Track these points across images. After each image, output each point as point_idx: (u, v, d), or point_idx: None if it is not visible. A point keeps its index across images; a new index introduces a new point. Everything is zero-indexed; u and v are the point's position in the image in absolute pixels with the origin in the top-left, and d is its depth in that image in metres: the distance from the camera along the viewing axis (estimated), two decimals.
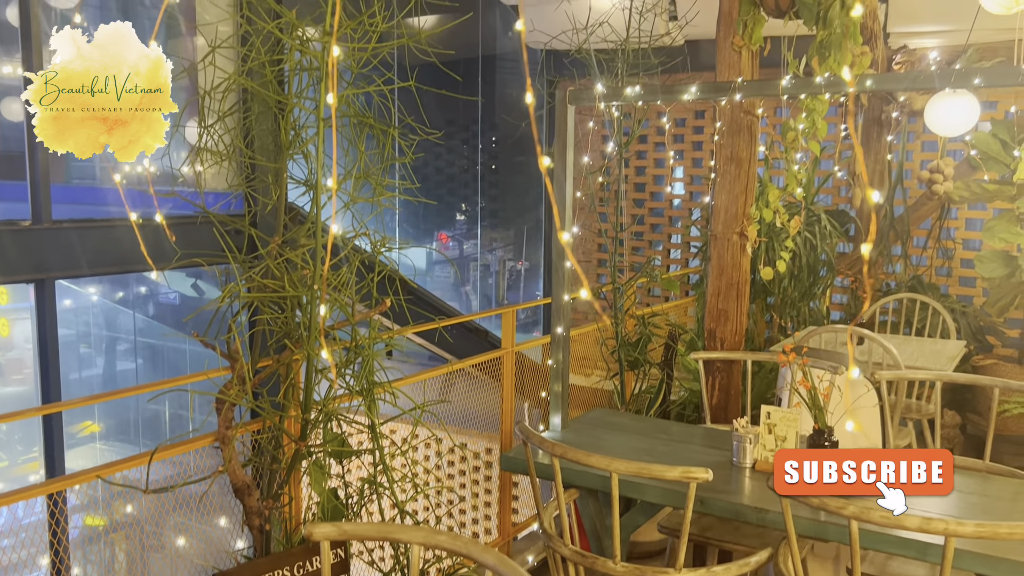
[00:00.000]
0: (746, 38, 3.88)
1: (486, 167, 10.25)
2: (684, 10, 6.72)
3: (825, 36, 3.68)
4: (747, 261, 4.25)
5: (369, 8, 2.88)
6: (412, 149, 3.06)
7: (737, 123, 4.01)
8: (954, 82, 2.60)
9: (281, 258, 2.79)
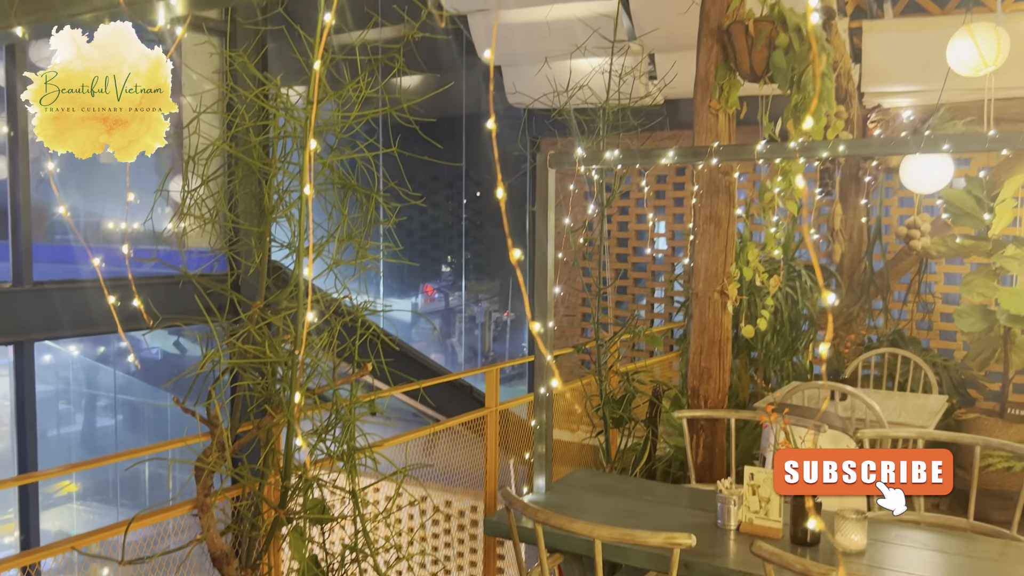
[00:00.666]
0: (722, 101, 3.97)
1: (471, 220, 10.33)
2: (663, 71, 6.88)
3: (800, 99, 3.77)
4: (728, 319, 4.28)
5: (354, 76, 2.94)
6: (396, 212, 3.09)
7: (715, 184, 4.08)
8: (924, 148, 2.66)
9: (263, 322, 2.79)
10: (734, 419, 3.96)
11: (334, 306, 2.85)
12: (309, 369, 2.70)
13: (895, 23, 6.59)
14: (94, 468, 7.25)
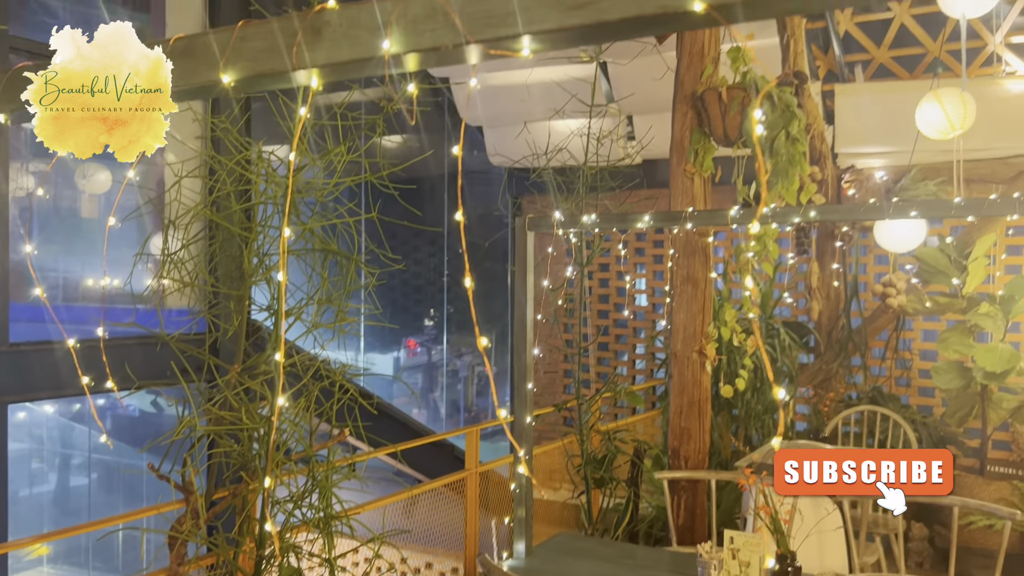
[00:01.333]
0: (697, 165, 4.05)
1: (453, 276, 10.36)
2: (641, 132, 7.02)
3: (773, 164, 3.86)
4: (707, 379, 4.30)
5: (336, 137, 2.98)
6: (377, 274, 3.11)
7: (692, 245, 4.14)
8: (893, 214, 2.72)
9: (240, 387, 2.78)
10: (714, 480, 3.95)
11: (311, 371, 2.84)
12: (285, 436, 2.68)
13: (866, 86, 6.78)
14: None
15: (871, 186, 6.55)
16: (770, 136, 3.81)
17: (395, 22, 0.87)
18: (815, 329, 6.66)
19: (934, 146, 5.79)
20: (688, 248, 4.14)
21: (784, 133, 3.82)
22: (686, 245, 4.15)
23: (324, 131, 3.02)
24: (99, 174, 6.36)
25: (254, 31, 0.98)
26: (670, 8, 0.72)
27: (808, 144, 6.06)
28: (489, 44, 0.83)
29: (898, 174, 6.50)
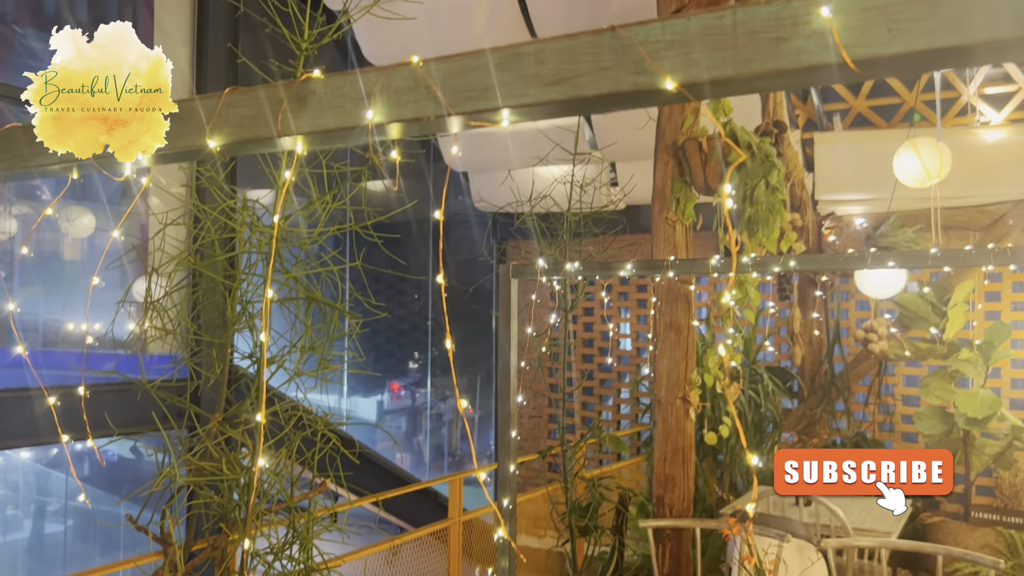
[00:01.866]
0: (679, 213, 4.10)
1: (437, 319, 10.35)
2: (624, 178, 7.10)
3: (753, 212, 3.92)
4: (691, 426, 4.30)
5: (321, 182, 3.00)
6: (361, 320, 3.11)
7: (674, 292, 4.17)
8: (871, 264, 2.76)
9: (221, 437, 2.75)
10: (699, 528, 3.93)
11: (293, 420, 2.83)
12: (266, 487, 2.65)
13: (844, 135, 6.91)
14: None
15: (851, 232, 6.64)
16: (750, 185, 3.87)
17: (379, 93, 0.89)
18: (798, 374, 6.69)
19: (912, 193, 5.89)
20: (671, 295, 4.17)
21: (764, 183, 3.89)
22: (669, 292, 4.18)
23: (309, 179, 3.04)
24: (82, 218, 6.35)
25: (240, 98, 1.00)
26: (643, 86, 0.75)
27: (788, 191, 6.16)
28: (470, 116, 0.86)
29: (877, 221, 6.60)
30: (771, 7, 0.70)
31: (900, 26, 0.65)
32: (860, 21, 0.66)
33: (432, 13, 5.99)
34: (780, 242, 4.08)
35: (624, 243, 6.44)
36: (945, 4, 0.63)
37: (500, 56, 0.83)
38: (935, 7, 0.63)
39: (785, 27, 0.69)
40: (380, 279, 2.92)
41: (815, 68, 0.68)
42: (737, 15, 0.72)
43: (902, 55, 0.64)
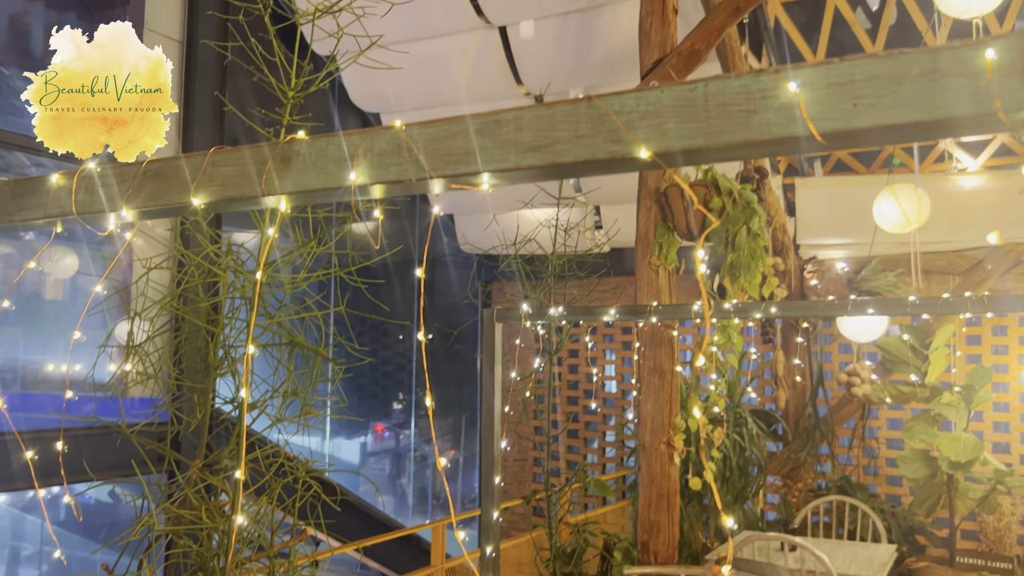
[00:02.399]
0: (662, 258, 4.14)
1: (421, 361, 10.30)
2: (608, 221, 7.16)
3: (735, 258, 3.96)
4: (676, 471, 4.29)
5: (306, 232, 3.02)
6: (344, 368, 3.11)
7: (658, 336, 4.19)
8: (851, 311, 2.79)
9: (201, 484, 2.73)
10: (684, 575, 3.90)
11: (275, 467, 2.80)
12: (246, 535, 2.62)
13: (825, 180, 7.01)
14: None
15: (833, 276, 6.70)
16: (732, 231, 3.92)
17: (362, 155, 0.91)
18: (782, 417, 6.70)
19: (892, 238, 5.97)
20: (654, 339, 4.19)
21: (745, 228, 3.93)
22: (652, 336, 4.20)
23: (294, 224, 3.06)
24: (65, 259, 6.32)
25: (225, 157, 1.01)
26: (618, 154, 0.77)
27: (771, 236, 6.23)
28: (451, 179, 0.87)
29: (859, 265, 6.67)
30: (741, 80, 0.72)
31: (864, 102, 0.67)
32: (826, 96, 0.69)
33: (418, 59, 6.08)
34: (762, 287, 4.12)
35: (608, 286, 6.48)
36: (907, 82, 0.66)
37: (480, 122, 0.85)
38: (898, 85, 0.66)
39: (755, 100, 0.71)
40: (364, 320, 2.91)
41: (784, 140, 0.71)
42: (708, 87, 0.74)
43: (867, 129, 0.67)
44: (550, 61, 6.05)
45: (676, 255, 4.26)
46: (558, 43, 5.91)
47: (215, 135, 5.09)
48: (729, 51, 5.28)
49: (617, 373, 7.98)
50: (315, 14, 2.59)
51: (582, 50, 5.87)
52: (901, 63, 0.66)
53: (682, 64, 4.08)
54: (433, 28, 6.13)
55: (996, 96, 0.62)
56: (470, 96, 6.58)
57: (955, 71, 0.63)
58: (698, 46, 4.11)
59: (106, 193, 1.10)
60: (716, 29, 4.17)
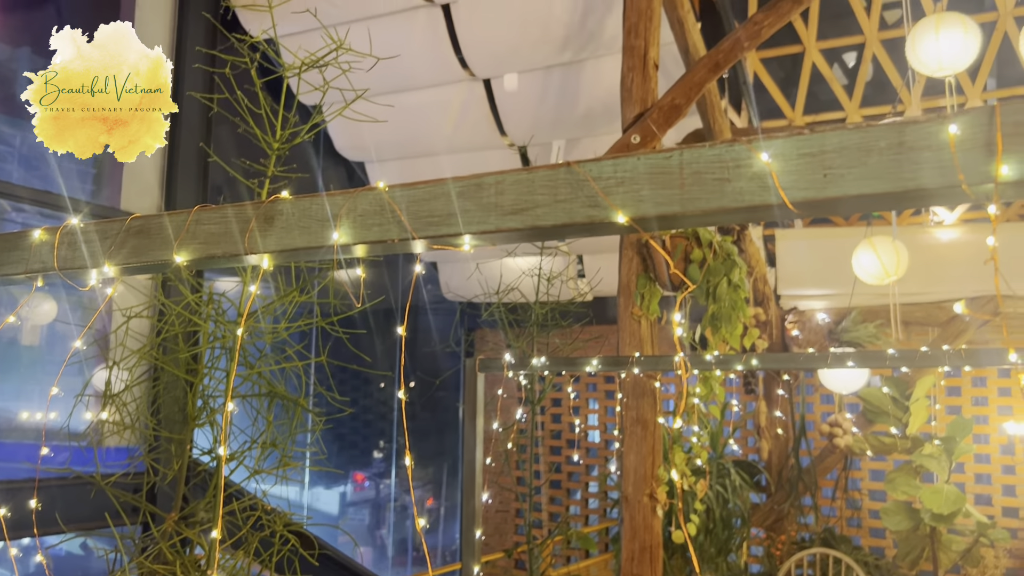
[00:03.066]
0: (644, 309, 4.16)
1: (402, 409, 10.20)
2: (591, 270, 7.21)
3: (716, 309, 3.99)
4: (659, 523, 4.25)
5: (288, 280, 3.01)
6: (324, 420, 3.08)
7: (640, 387, 4.19)
8: (831, 364, 2.81)
9: (176, 537, 2.67)
10: None
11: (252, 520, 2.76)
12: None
13: (804, 232, 7.11)
14: None
15: (814, 326, 6.75)
16: (713, 283, 3.95)
17: (345, 215, 0.92)
18: (765, 469, 6.68)
19: (872, 290, 6.04)
20: (637, 390, 4.19)
21: (726, 280, 3.97)
22: (635, 387, 4.20)
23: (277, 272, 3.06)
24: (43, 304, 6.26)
25: (209, 215, 1.02)
26: (596, 219, 0.78)
27: (752, 286, 6.29)
28: (433, 240, 0.89)
29: (839, 315, 6.73)
30: (715, 150, 0.74)
31: (834, 172, 0.69)
32: (797, 166, 0.71)
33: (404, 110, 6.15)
34: (743, 338, 4.15)
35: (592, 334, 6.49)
36: (875, 154, 0.68)
37: (462, 185, 0.86)
38: (866, 156, 0.68)
39: (728, 169, 0.73)
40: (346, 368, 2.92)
41: (757, 207, 0.73)
42: (683, 156, 0.76)
43: (837, 199, 0.69)
44: (533, 113, 6.14)
45: (658, 306, 4.29)
46: (541, 96, 6.01)
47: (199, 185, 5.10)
48: (709, 105, 5.38)
49: (600, 422, 7.95)
50: (301, 68, 2.62)
51: (565, 103, 5.97)
52: (869, 135, 0.68)
53: (663, 118, 4.16)
54: (419, 80, 6.23)
55: (960, 169, 0.64)
56: (455, 146, 6.66)
57: (920, 144, 0.66)
58: (678, 101, 4.19)
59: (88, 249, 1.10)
60: (696, 84, 4.26)
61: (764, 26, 4.21)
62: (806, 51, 6.67)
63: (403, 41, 5.85)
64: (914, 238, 6.23)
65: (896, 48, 6.33)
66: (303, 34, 4.70)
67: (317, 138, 7.07)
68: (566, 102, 5.94)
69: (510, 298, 5.01)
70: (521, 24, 5.59)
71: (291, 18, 3.67)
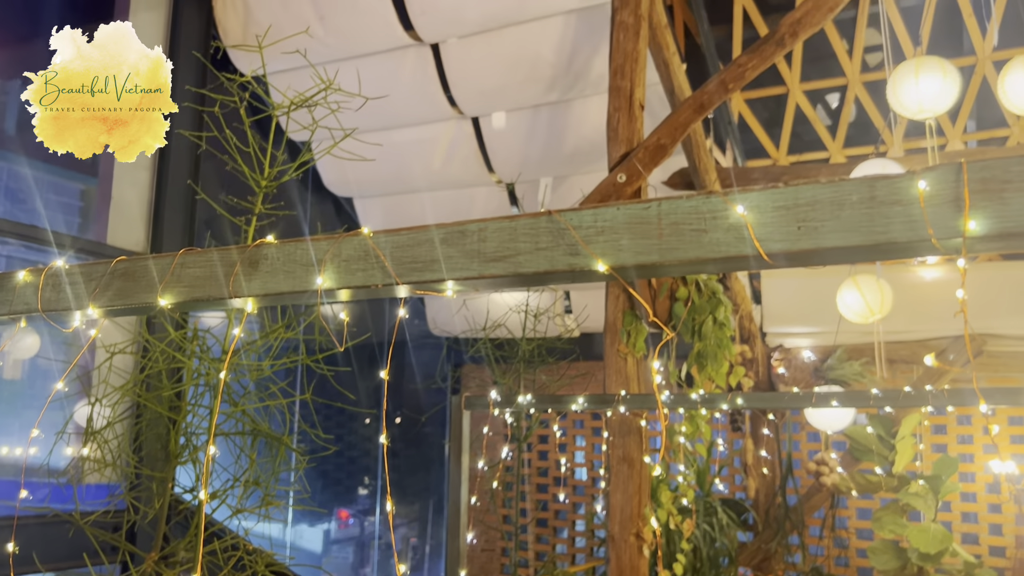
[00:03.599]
0: (630, 346, 4.17)
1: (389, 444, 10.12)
2: (579, 306, 7.23)
3: (702, 347, 4.00)
4: (645, 564, 4.22)
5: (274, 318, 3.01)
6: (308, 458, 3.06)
7: (626, 425, 4.18)
8: (815, 403, 2.82)
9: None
10: None
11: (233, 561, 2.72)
12: None
13: (790, 270, 7.16)
14: None
15: (799, 364, 6.77)
16: (698, 321, 3.97)
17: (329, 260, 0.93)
18: (752, 507, 6.65)
19: (857, 328, 6.07)
20: (623, 428, 4.18)
21: (711, 318, 3.99)
22: (621, 425, 4.19)
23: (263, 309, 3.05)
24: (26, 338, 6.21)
25: (194, 259, 1.03)
26: (577, 267, 0.80)
27: (737, 324, 6.32)
28: (416, 286, 0.90)
29: (825, 353, 6.75)
30: (692, 201, 0.76)
31: (808, 225, 0.71)
32: (772, 219, 0.72)
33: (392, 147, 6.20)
34: (729, 376, 4.16)
35: (579, 371, 6.48)
36: (848, 207, 0.69)
37: (445, 232, 0.88)
38: (839, 210, 0.70)
39: (705, 220, 0.75)
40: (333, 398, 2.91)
41: (734, 258, 0.74)
42: (661, 207, 0.78)
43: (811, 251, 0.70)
44: (521, 150, 6.20)
45: (644, 343, 4.30)
46: (529, 134, 6.08)
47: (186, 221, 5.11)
48: (694, 145, 5.45)
49: (587, 460, 7.91)
50: (290, 107, 2.65)
51: (552, 141, 6.04)
52: (842, 190, 0.70)
53: (648, 158, 4.21)
54: (408, 117, 6.29)
55: (929, 224, 0.66)
56: (443, 182, 6.70)
57: (891, 199, 0.67)
58: (664, 141, 4.25)
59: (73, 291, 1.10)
60: (681, 125, 4.32)
61: (748, 68, 4.29)
62: (790, 92, 6.78)
63: (392, 79, 5.92)
64: (898, 277, 6.29)
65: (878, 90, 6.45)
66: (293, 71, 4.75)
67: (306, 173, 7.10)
68: (553, 140, 6.01)
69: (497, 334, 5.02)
70: (509, 64, 5.67)
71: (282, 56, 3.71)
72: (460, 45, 5.73)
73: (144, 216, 5.04)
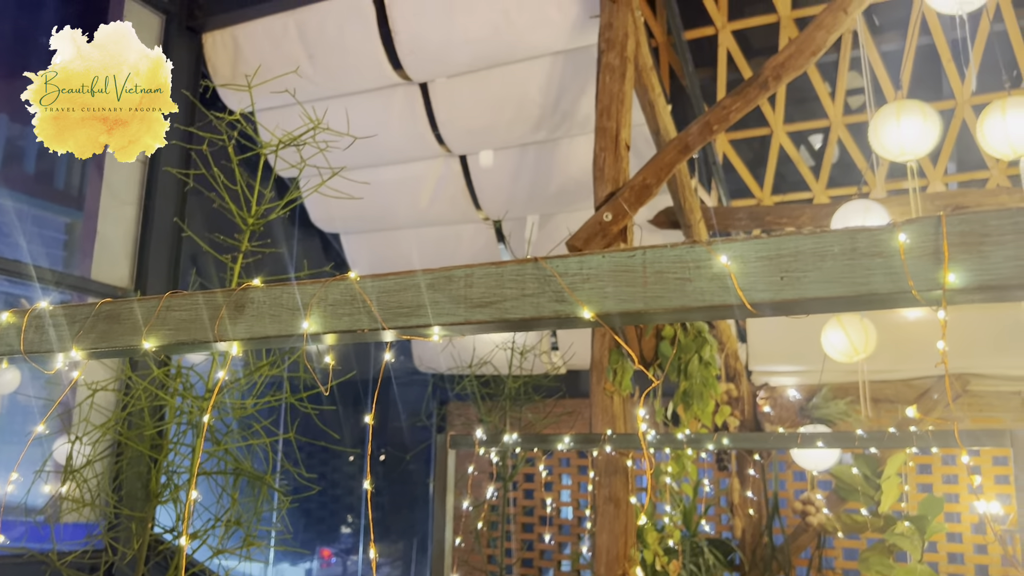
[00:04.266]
0: (616, 384, 4.16)
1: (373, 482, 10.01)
2: (565, 344, 7.22)
3: (688, 386, 4.00)
4: None
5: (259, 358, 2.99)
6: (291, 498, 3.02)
7: (613, 464, 4.16)
8: (801, 444, 2.82)
9: None
10: None
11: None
12: None
13: None
14: None
15: (785, 403, 6.78)
16: (684, 360, 3.98)
17: (315, 304, 0.93)
18: (739, 547, 6.61)
19: (842, 367, 6.10)
20: (609, 467, 4.16)
21: (697, 357, 4.00)
22: (607, 465, 4.17)
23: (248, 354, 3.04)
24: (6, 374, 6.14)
25: (179, 302, 1.03)
26: (563, 314, 0.81)
27: (723, 363, 6.33)
28: (402, 331, 0.90)
29: (810, 392, 6.77)
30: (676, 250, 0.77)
31: (791, 275, 0.72)
32: (755, 269, 0.73)
33: (380, 184, 6.23)
34: (715, 415, 4.16)
35: (565, 408, 6.46)
36: (829, 259, 0.70)
37: (432, 277, 0.88)
38: (821, 261, 0.71)
39: (689, 269, 0.76)
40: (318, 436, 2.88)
41: (718, 307, 0.75)
42: (646, 256, 0.79)
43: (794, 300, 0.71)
44: (508, 188, 6.24)
45: (631, 381, 4.29)
46: (516, 172, 6.12)
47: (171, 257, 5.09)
48: (680, 184, 5.51)
49: (573, 499, 7.84)
50: (278, 146, 2.66)
51: (539, 179, 6.08)
52: (823, 241, 0.71)
53: (634, 197, 4.24)
54: (396, 155, 6.32)
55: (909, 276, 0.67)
56: (431, 219, 6.72)
57: (872, 251, 0.69)
58: (649, 181, 4.29)
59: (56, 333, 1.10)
60: (667, 165, 4.37)
61: (732, 110, 4.35)
62: (773, 133, 6.88)
63: (381, 117, 5.96)
64: (883, 317, 6.33)
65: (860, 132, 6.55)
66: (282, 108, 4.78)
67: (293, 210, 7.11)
68: (540, 179, 6.05)
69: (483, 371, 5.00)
70: (497, 104, 5.73)
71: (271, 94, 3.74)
72: (448, 84, 5.80)
73: (129, 252, 5.02)
